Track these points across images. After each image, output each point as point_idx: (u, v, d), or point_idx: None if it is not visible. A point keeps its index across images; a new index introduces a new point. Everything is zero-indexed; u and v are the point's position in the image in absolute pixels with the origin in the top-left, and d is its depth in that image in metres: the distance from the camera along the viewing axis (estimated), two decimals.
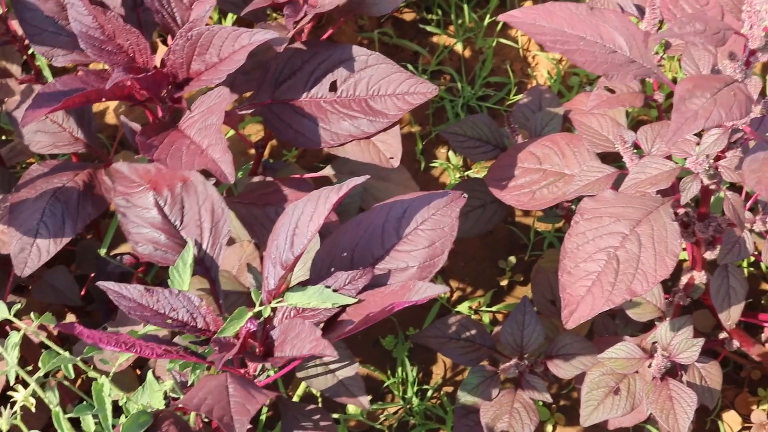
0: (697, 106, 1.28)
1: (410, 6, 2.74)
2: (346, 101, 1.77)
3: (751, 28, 1.34)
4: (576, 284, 1.50)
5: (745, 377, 2.29)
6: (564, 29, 1.50)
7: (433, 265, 1.56)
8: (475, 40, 2.69)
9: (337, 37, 2.66)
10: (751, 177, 1.36)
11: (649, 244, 1.51)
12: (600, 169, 1.75)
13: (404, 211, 1.58)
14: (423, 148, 2.55)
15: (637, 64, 1.49)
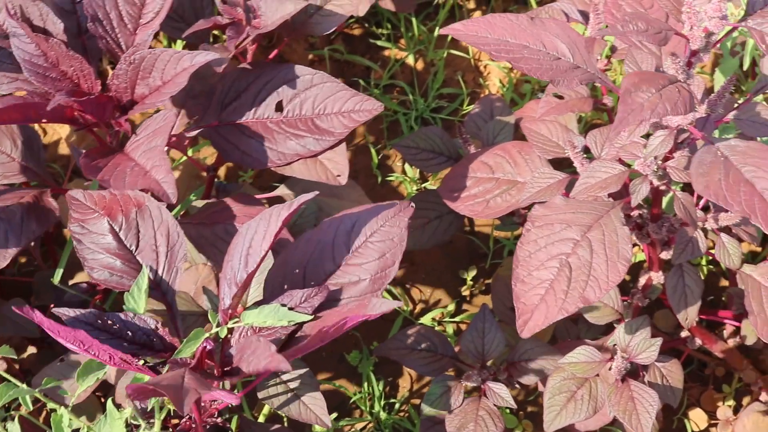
0: (643, 99, 1.29)
1: (360, 21, 2.75)
2: (292, 121, 1.77)
3: (691, 29, 1.35)
4: (529, 293, 1.51)
5: (709, 374, 2.30)
6: (507, 39, 1.51)
7: (385, 276, 1.57)
8: (426, 52, 2.70)
9: (288, 56, 2.67)
10: (699, 181, 1.37)
11: (601, 249, 1.52)
12: (551, 175, 1.76)
13: (353, 224, 1.59)
14: (379, 162, 2.56)
15: (581, 70, 1.50)
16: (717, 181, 1.34)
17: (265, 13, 1.77)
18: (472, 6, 2.79)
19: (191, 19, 1.87)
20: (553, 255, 1.52)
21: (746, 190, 1.32)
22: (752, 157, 1.36)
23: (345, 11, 1.85)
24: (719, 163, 1.36)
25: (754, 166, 1.34)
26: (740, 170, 1.34)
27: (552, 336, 2.14)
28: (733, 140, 1.39)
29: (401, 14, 2.70)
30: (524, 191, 1.77)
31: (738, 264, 1.74)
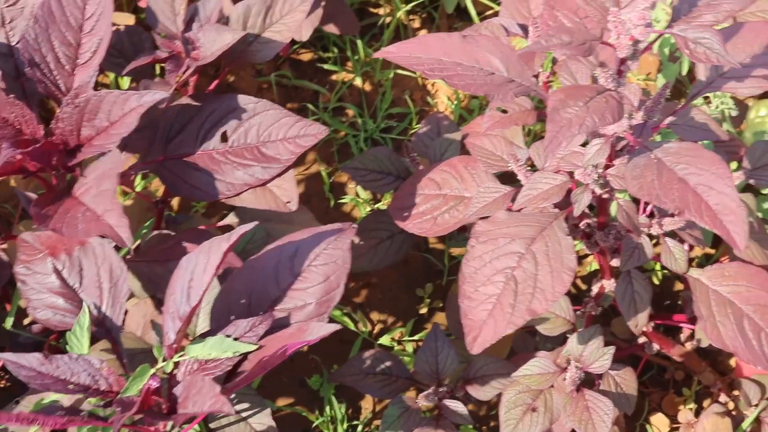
0: (571, 115, 1.30)
1: (306, 46, 2.75)
2: (238, 150, 1.77)
3: (618, 37, 1.37)
4: (477, 309, 1.51)
5: (669, 379, 2.31)
6: (440, 58, 1.52)
7: (331, 299, 1.57)
8: (373, 73, 2.71)
9: (237, 84, 2.67)
10: (633, 183, 1.38)
11: (545, 261, 1.52)
12: (496, 189, 1.77)
13: (296, 249, 1.59)
14: (331, 185, 2.56)
15: (516, 83, 1.51)
16: (650, 181, 1.36)
17: (204, 44, 1.77)
18: (417, 25, 2.81)
19: (131, 54, 1.87)
20: (499, 269, 1.53)
21: (679, 187, 1.34)
22: (685, 156, 1.37)
23: (283, 38, 1.85)
24: (652, 165, 1.38)
25: (686, 164, 1.36)
26: (673, 170, 1.36)
27: (510, 350, 2.15)
28: (666, 143, 1.41)
29: (347, 37, 2.71)
30: (470, 206, 1.77)
31: (684, 268, 1.75)
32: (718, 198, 1.32)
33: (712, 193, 1.32)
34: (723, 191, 1.32)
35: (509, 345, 2.17)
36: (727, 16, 1.40)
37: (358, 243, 2.16)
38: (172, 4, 1.80)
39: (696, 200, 1.33)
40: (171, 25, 1.82)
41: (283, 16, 1.86)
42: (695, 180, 1.34)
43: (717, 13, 1.40)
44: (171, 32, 1.81)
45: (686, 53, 1.32)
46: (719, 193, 1.32)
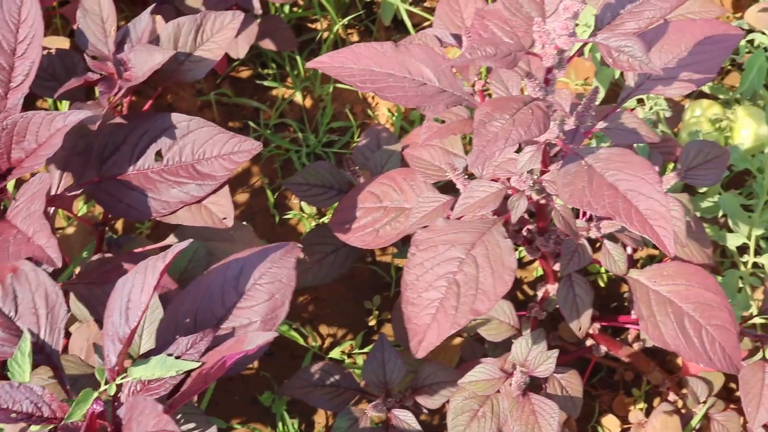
0: (497, 128, 1.31)
1: (245, 63, 2.75)
2: (173, 169, 1.77)
3: (543, 47, 1.38)
4: (421, 313, 1.52)
5: (618, 380, 2.33)
6: (372, 68, 1.53)
7: (276, 317, 1.57)
8: (313, 88, 2.71)
9: (176, 104, 2.67)
10: (565, 191, 1.39)
11: (486, 264, 1.54)
12: (435, 198, 1.77)
13: (241, 268, 1.59)
14: (276, 201, 2.56)
15: (448, 93, 1.52)
16: (581, 188, 1.36)
17: (135, 65, 1.77)
18: (356, 39, 2.82)
19: (63, 77, 1.86)
20: (441, 275, 1.54)
21: (610, 193, 1.35)
22: (615, 162, 1.38)
23: (215, 55, 1.85)
24: (583, 171, 1.39)
25: (616, 170, 1.37)
26: (603, 176, 1.37)
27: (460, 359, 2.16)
28: (597, 149, 1.41)
29: (285, 53, 2.71)
30: (410, 217, 1.78)
31: (624, 269, 1.76)
32: (648, 203, 1.33)
33: (642, 199, 1.34)
34: (652, 196, 1.33)
35: (458, 354, 2.18)
36: (649, 23, 1.41)
37: (303, 258, 2.16)
38: (102, 26, 1.80)
39: (626, 206, 1.34)
40: (102, 46, 1.81)
41: (214, 34, 1.86)
42: (625, 186, 1.35)
43: (640, 21, 1.42)
44: (103, 54, 1.81)
45: (610, 62, 1.33)
46: (648, 198, 1.33)
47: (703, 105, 2.31)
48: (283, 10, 2.76)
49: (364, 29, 2.84)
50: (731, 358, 1.68)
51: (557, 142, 1.50)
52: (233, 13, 1.87)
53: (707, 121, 2.26)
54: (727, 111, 2.29)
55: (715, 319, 1.70)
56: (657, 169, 1.88)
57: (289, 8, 2.78)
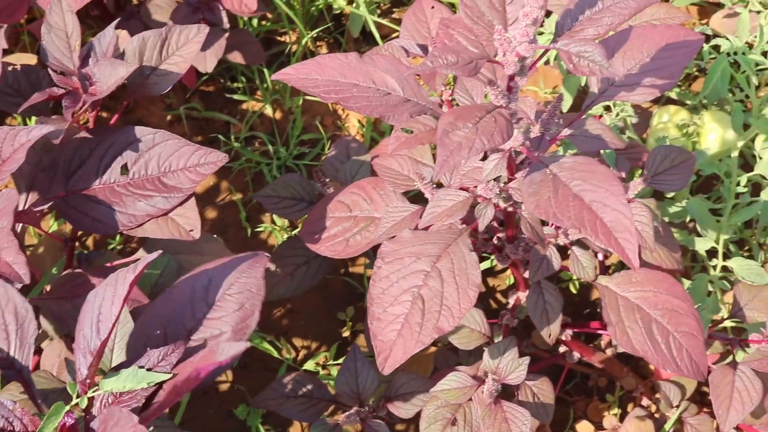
0: (460, 137, 1.30)
1: (214, 77, 2.75)
2: (139, 182, 1.77)
3: (504, 55, 1.38)
4: (386, 329, 1.51)
5: (592, 386, 2.34)
6: (336, 79, 1.53)
7: (246, 326, 1.56)
8: (283, 101, 2.72)
9: (146, 118, 2.67)
10: (530, 201, 1.38)
11: (451, 278, 1.53)
12: (404, 208, 1.78)
13: (210, 279, 1.58)
14: (248, 214, 2.56)
15: (412, 103, 1.52)
16: (547, 198, 1.36)
17: (99, 79, 1.76)
18: (325, 51, 2.82)
19: (28, 93, 1.86)
20: (406, 289, 1.53)
21: (575, 204, 1.34)
22: (580, 172, 1.37)
23: (180, 69, 1.85)
24: (548, 181, 1.38)
25: (581, 179, 1.36)
26: (569, 186, 1.36)
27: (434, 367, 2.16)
28: (562, 157, 1.41)
29: (254, 66, 2.72)
30: (380, 226, 1.78)
31: (592, 276, 1.77)
32: (612, 215, 1.32)
33: (607, 210, 1.32)
34: (617, 208, 1.32)
35: (432, 363, 2.18)
36: (609, 29, 1.42)
37: (275, 270, 2.16)
38: (67, 41, 1.80)
39: (591, 218, 1.33)
40: (67, 61, 1.81)
41: (180, 47, 1.86)
42: (590, 197, 1.34)
43: (599, 27, 1.42)
44: (68, 69, 1.81)
45: (571, 67, 1.33)
46: (613, 209, 1.32)
47: (671, 111, 2.32)
48: (252, 23, 2.76)
49: (333, 41, 2.85)
50: (698, 365, 1.69)
51: (522, 150, 1.50)
52: (198, 26, 1.87)
53: (674, 126, 2.27)
54: (694, 116, 2.31)
55: (682, 326, 1.70)
56: (624, 174, 1.89)
57: (257, 21, 2.78)
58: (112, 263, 1.92)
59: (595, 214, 1.33)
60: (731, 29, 2.42)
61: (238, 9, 2.36)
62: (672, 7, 2.20)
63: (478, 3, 1.46)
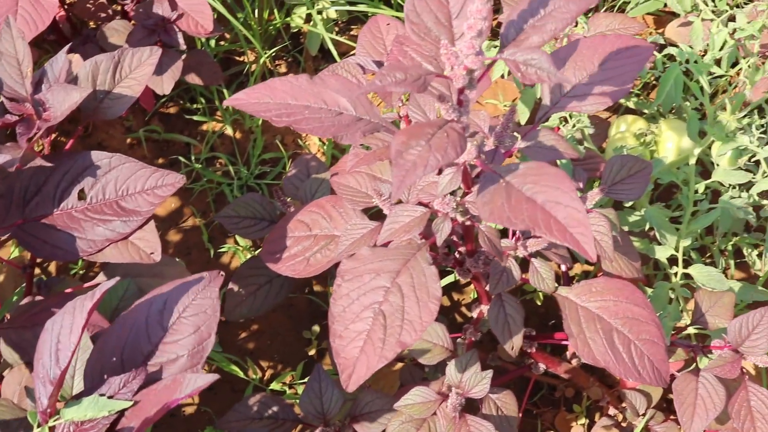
0: (414, 156, 1.30)
1: (174, 99, 2.75)
2: (97, 207, 1.76)
3: (452, 69, 1.37)
4: (348, 347, 1.51)
5: (560, 396, 2.34)
6: (288, 101, 1.52)
7: (203, 349, 1.56)
8: (243, 121, 2.71)
9: (106, 142, 2.66)
10: (485, 209, 1.38)
11: (411, 293, 1.53)
12: (363, 225, 1.77)
13: (164, 302, 1.58)
14: (210, 235, 2.55)
15: (365, 121, 1.52)
16: (500, 205, 1.36)
17: (53, 105, 1.76)
18: (284, 70, 2.82)
19: None
20: (366, 305, 1.53)
21: (528, 206, 1.34)
22: (531, 176, 1.37)
23: (134, 92, 1.85)
24: (502, 188, 1.38)
25: (533, 183, 1.35)
26: (521, 190, 1.36)
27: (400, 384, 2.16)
28: (514, 166, 1.41)
29: (213, 87, 2.71)
30: (339, 244, 1.78)
31: (552, 287, 1.77)
32: (566, 212, 1.32)
33: (559, 208, 1.33)
34: (569, 204, 1.33)
35: (398, 379, 2.18)
36: (553, 35, 1.42)
37: (238, 291, 2.16)
38: (18, 67, 1.79)
39: (545, 217, 1.33)
40: (20, 88, 1.80)
41: (133, 70, 1.86)
42: (542, 198, 1.34)
43: (543, 33, 1.42)
44: (20, 95, 1.80)
45: (518, 76, 1.33)
46: (566, 207, 1.32)
47: (628, 120, 2.34)
48: (210, 44, 2.76)
49: (292, 60, 2.85)
50: (660, 372, 1.69)
51: (476, 163, 1.50)
52: (151, 49, 1.86)
53: (632, 135, 2.29)
54: (651, 125, 2.32)
55: (643, 334, 1.71)
56: (582, 185, 1.90)
57: (215, 42, 2.78)
58: (73, 289, 1.91)
59: (549, 213, 1.33)
60: (686, 38, 2.44)
61: (194, 30, 2.36)
62: (626, 17, 2.22)
63: (423, 19, 1.46)
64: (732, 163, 2.20)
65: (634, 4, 2.68)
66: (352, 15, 2.90)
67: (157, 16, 2.38)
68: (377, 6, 2.81)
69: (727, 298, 1.98)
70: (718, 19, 2.22)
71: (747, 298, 2.23)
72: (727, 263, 2.44)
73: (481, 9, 1.31)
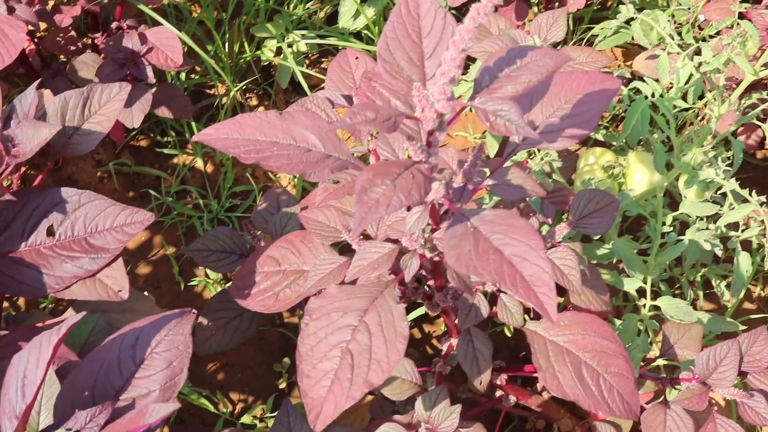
0: (378, 194, 1.30)
1: (144, 132, 2.75)
2: (66, 243, 1.76)
3: (423, 111, 1.38)
4: (316, 386, 1.50)
5: (531, 429, 2.34)
6: (257, 137, 1.52)
7: (175, 384, 1.56)
8: (214, 154, 2.71)
9: (76, 176, 2.65)
10: (451, 254, 1.36)
11: (379, 332, 1.52)
12: (332, 260, 1.78)
13: (137, 337, 1.58)
14: (180, 268, 2.55)
15: (333, 158, 1.52)
16: (467, 252, 1.35)
17: (22, 141, 1.75)
18: (255, 102, 2.83)
19: None
20: (334, 344, 1.52)
21: (495, 258, 1.33)
22: (500, 225, 1.36)
23: (104, 128, 1.84)
24: (469, 234, 1.37)
25: (502, 233, 1.35)
26: (489, 239, 1.35)
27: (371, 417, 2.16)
28: (483, 210, 1.41)
29: (183, 120, 2.71)
30: (308, 279, 1.78)
31: (520, 322, 1.78)
32: (532, 269, 1.31)
33: (526, 264, 1.31)
34: (536, 262, 1.31)
35: (368, 412, 2.18)
36: (527, 87, 1.41)
37: (208, 324, 2.15)
38: None
39: (511, 272, 1.32)
40: None
41: (102, 106, 1.86)
42: (510, 251, 1.33)
43: (517, 85, 1.42)
44: None
45: (487, 125, 1.33)
46: (532, 264, 1.31)
47: (596, 153, 2.35)
48: (180, 77, 2.76)
49: (263, 92, 2.86)
50: (629, 405, 1.70)
51: (444, 202, 1.51)
52: (120, 84, 1.86)
53: (600, 168, 2.30)
54: (620, 158, 2.34)
55: (612, 366, 1.72)
56: (550, 219, 1.91)
57: (185, 75, 2.79)
58: (41, 324, 1.90)
59: (515, 268, 1.32)
60: (653, 71, 2.46)
61: (164, 64, 2.36)
62: (594, 51, 2.24)
63: (396, 57, 1.47)
64: (699, 196, 2.21)
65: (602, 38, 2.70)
66: (322, 48, 2.91)
67: (127, 49, 2.38)
68: (347, 39, 2.82)
69: (695, 330, 2.00)
70: (684, 52, 2.24)
71: (716, 330, 2.24)
72: (696, 294, 2.45)
73: (455, 57, 1.31)
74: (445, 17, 1.44)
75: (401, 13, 1.46)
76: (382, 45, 1.46)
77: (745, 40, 2.20)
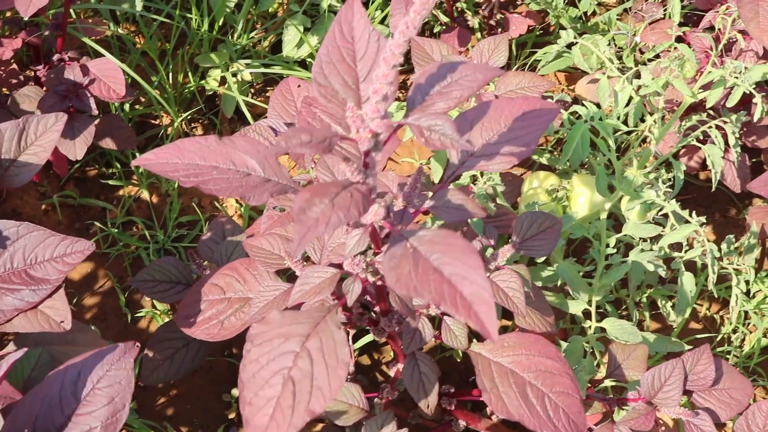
0: (317, 213, 1.30)
1: (90, 164, 2.73)
2: (5, 276, 1.74)
3: (358, 131, 1.38)
4: (258, 414, 1.48)
5: None
6: (197, 162, 1.52)
7: (117, 420, 1.54)
8: (160, 184, 2.70)
9: (20, 208, 2.63)
10: (391, 275, 1.36)
11: (320, 358, 1.50)
12: (276, 287, 1.78)
13: (78, 373, 1.56)
14: (127, 300, 2.53)
15: (273, 182, 1.52)
16: (407, 272, 1.34)
17: None
18: (200, 132, 2.83)
19: None
20: (276, 371, 1.50)
21: (435, 278, 1.32)
22: (439, 245, 1.36)
23: (40, 159, 1.83)
24: (408, 254, 1.37)
25: (441, 253, 1.34)
26: (428, 259, 1.34)
27: None
28: (422, 230, 1.41)
29: (128, 151, 2.70)
30: (252, 307, 1.78)
31: (465, 344, 1.78)
32: (471, 288, 1.30)
33: (466, 283, 1.30)
34: (476, 281, 1.30)
35: None
36: (458, 102, 1.43)
37: (154, 355, 2.14)
38: None
39: (451, 291, 1.31)
40: None
41: (39, 137, 1.85)
42: (449, 270, 1.32)
43: (449, 101, 1.43)
44: None
45: (422, 141, 1.34)
46: (472, 282, 1.30)
47: (540, 176, 2.37)
48: (124, 108, 2.75)
49: (208, 122, 2.85)
50: (575, 424, 1.70)
51: (384, 224, 1.51)
52: (56, 115, 1.85)
53: (544, 192, 2.32)
54: (564, 181, 2.35)
55: (557, 386, 1.72)
56: (493, 242, 1.92)
57: (129, 106, 2.78)
58: None
59: (455, 287, 1.31)
60: (595, 95, 2.49)
61: (106, 95, 2.35)
62: (536, 76, 2.26)
63: (331, 81, 1.47)
64: (641, 217, 2.24)
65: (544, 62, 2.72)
66: (267, 76, 2.92)
67: (69, 81, 2.37)
68: (291, 68, 2.83)
69: (640, 351, 2.01)
70: (623, 76, 2.27)
71: (662, 350, 2.26)
72: (642, 315, 2.47)
73: (387, 74, 1.32)
74: (378, 40, 1.45)
75: (335, 36, 1.46)
76: (317, 69, 1.46)
77: (683, 63, 2.23)
